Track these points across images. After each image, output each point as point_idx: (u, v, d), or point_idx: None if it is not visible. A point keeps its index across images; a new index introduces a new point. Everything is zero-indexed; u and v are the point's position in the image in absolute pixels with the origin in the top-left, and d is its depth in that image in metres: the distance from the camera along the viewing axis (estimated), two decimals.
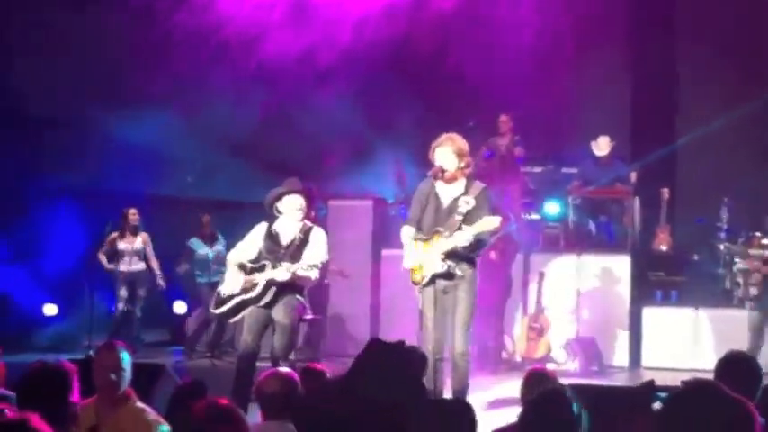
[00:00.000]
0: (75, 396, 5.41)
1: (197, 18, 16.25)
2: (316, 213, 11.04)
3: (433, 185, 9.39)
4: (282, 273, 9.67)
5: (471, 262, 9.25)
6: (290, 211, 9.96)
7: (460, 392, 8.95)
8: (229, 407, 4.32)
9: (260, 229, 10.10)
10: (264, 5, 16.85)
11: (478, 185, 9.34)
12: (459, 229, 9.05)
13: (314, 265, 9.74)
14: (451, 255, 9.08)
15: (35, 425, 4.07)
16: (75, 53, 16.07)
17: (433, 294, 9.15)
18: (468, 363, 9.14)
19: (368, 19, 16.94)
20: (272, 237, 10.00)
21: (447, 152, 9.26)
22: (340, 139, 17.21)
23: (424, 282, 9.18)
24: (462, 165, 9.36)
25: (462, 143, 9.42)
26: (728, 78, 16.81)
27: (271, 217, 10.13)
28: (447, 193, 9.32)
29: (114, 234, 14.99)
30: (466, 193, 9.24)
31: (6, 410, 4.56)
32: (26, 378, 5.37)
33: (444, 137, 9.35)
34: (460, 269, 9.12)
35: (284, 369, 6.36)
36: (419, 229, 9.37)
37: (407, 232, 9.40)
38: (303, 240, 9.91)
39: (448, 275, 9.11)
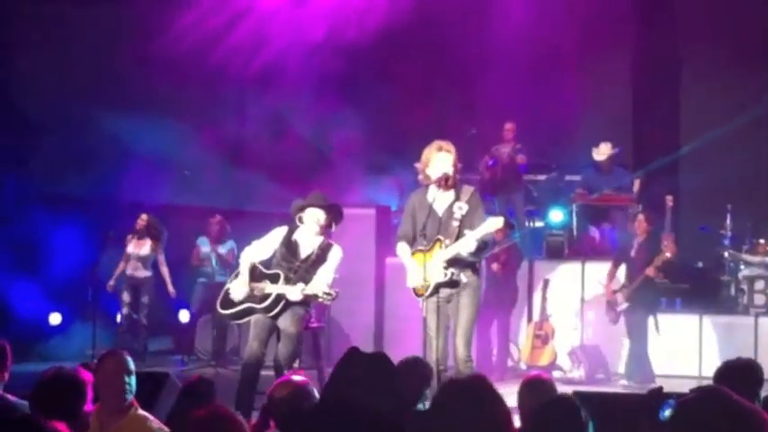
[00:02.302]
0: (88, 405, 5.40)
1: (198, 26, 16.29)
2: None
3: (425, 195, 9.33)
4: (296, 293, 9.64)
5: (474, 269, 9.22)
6: (310, 224, 9.91)
7: None
8: (229, 413, 4.29)
9: (279, 232, 10.05)
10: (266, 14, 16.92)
11: (468, 189, 9.29)
12: (460, 235, 9.00)
13: (330, 295, 9.70)
14: (454, 262, 9.02)
15: None
16: (79, 58, 16.10)
17: (436, 304, 9.09)
18: (471, 369, 9.09)
19: (370, 25, 16.97)
20: (289, 245, 9.95)
21: (449, 159, 9.17)
22: (340, 148, 17.23)
23: (427, 293, 9.10)
24: (456, 172, 9.31)
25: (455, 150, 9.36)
26: (732, 85, 16.81)
27: (292, 223, 10.09)
28: (440, 201, 9.23)
29: (129, 237, 15.01)
30: (458, 198, 9.17)
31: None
32: (42, 385, 5.34)
33: (444, 143, 9.23)
34: (464, 276, 9.08)
35: (298, 377, 6.32)
36: (414, 240, 9.31)
37: (404, 249, 9.34)
38: (320, 257, 9.87)
39: (452, 283, 9.06)
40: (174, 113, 16.18)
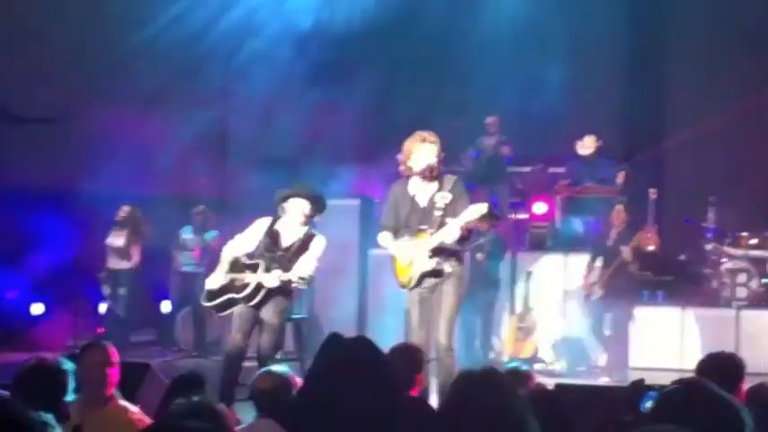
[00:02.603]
0: (69, 396, 5.38)
1: (183, 18, 16.25)
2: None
3: (405, 187, 9.30)
4: (272, 279, 9.67)
5: (459, 258, 9.21)
6: (294, 214, 9.94)
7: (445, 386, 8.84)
8: (210, 404, 4.28)
9: (262, 223, 10.07)
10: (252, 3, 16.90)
11: (450, 178, 9.26)
12: (443, 224, 8.97)
13: (305, 279, 9.73)
14: (439, 251, 9.00)
15: None
16: (59, 51, 16.03)
17: (420, 295, 9.11)
18: (452, 359, 9.06)
19: (356, 17, 16.98)
20: (272, 235, 9.99)
21: (434, 150, 9.13)
22: (326, 138, 17.21)
23: (411, 283, 9.11)
24: (440, 163, 9.28)
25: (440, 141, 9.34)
26: (717, 79, 16.84)
27: (274, 213, 10.11)
28: (423, 191, 9.20)
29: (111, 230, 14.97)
30: (441, 188, 9.13)
31: None
32: (23, 374, 5.32)
33: (428, 134, 9.18)
34: (449, 265, 9.06)
35: (280, 368, 6.32)
36: (396, 231, 9.30)
37: (386, 237, 9.32)
38: (301, 247, 9.90)
39: (436, 273, 9.04)
40: (158, 103, 16.14)
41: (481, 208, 8.94)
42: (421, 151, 9.13)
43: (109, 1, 15.92)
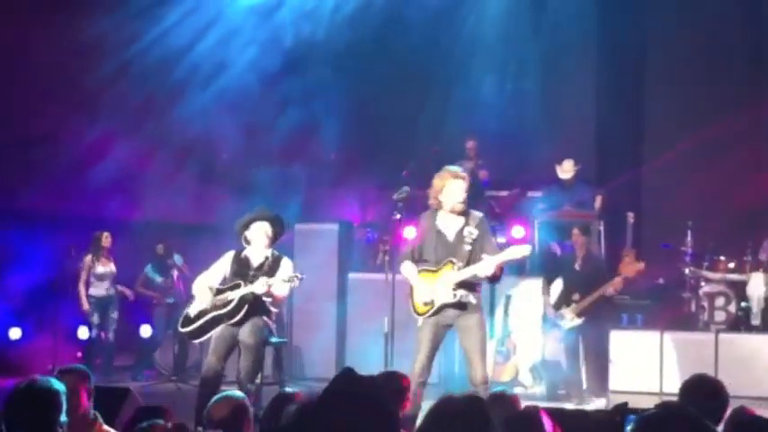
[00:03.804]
0: (63, 417, 5.32)
1: (166, 41, 16.26)
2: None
3: (434, 220, 9.51)
4: (261, 285, 9.79)
5: (478, 291, 9.43)
6: (258, 238, 10.14)
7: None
8: (182, 427, 4.28)
9: (228, 256, 10.33)
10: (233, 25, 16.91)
11: (476, 215, 9.55)
12: (472, 259, 9.25)
13: (289, 279, 9.86)
14: (463, 284, 9.22)
15: None
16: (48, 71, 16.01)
17: (434, 326, 9.30)
18: (487, 391, 9.11)
19: (338, 45, 17.04)
20: (240, 261, 10.21)
21: (463, 186, 9.44)
22: (305, 162, 17.24)
23: (430, 313, 9.30)
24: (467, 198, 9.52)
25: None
26: (695, 102, 16.93)
27: (239, 245, 10.27)
28: (450, 225, 9.45)
29: (88, 258, 14.90)
30: (467, 224, 9.40)
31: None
32: (14, 397, 5.26)
33: (458, 170, 9.59)
34: (473, 298, 9.29)
35: (235, 393, 6.33)
36: (417, 262, 9.49)
37: (408, 267, 9.50)
38: (272, 267, 10.07)
39: (459, 305, 9.24)
40: (137, 127, 16.14)
41: (524, 250, 9.36)
42: (451, 187, 9.41)
43: (90, 22, 15.88)
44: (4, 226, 15.30)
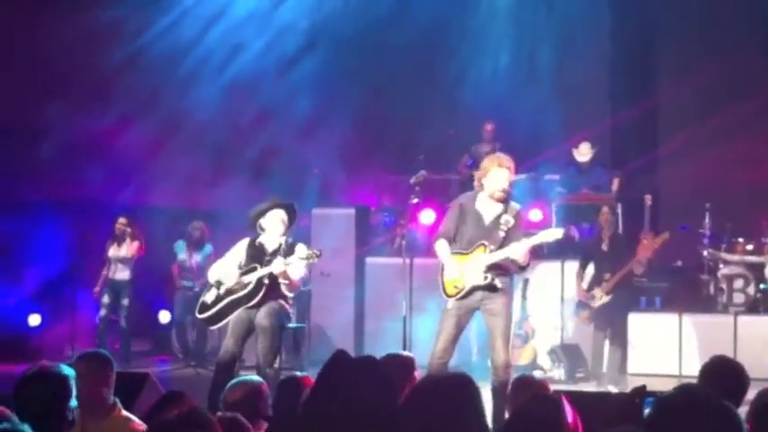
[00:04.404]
0: (73, 401, 5.35)
1: (177, 28, 16.27)
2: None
3: (474, 201, 9.52)
4: (278, 265, 9.84)
5: (509, 276, 9.46)
6: (274, 225, 10.19)
7: (500, 407, 8.78)
8: (201, 412, 4.28)
9: (242, 243, 10.37)
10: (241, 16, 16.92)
11: (514, 206, 9.53)
12: (504, 245, 9.24)
13: (307, 257, 9.95)
14: (494, 267, 9.24)
15: None
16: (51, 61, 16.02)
17: (460, 308, 9.31)
18: (510, 375, 9.07)
19: (351, 28, 17.01)
20: (255, 247, 10.26)
21: (507, 175, 9.41)
22: (322, 147, 17.22)
23: (460, 294, 9.29)
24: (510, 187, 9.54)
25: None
26: (710, 84, 16.83)
27: (253, 233, 10.31)
28: (489, 209, 9.44)
29: (108, 243, 14.93)
30: (505, 211, 9.40)
31: None
32: (25, 382, 5.30)
33: (505, 158, 9.52)
34: (501, 282, 9.28)
35: (252, 377, 6.35)
36: (452, 241, 9.49)
37: (443, 246, 9.48)
38: (288, 250, 10.07)
39: (489, 287, 9.26)
40: (150, 115, 16.14)
41: (557, 232, 9.51)
42: (495, 174, 9.39)
43: (96, 12, 15.89)
44: (22, 214, 15.36)
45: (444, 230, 9.58)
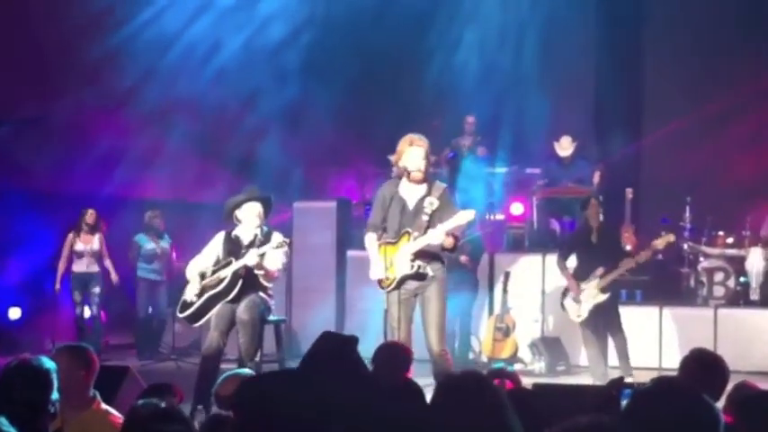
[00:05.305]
0: (54, 394, 5.33)
1: (158, 21, 16.24)
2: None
3: (396, 188, 9.33)
4: (251, 257, 9.79)
5: (441, 262, 9.24)
6: (250, 218, 10.12)
7: None
8: (173, 407, 4.28)
9: (219, 237, 10.29)
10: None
11: (439, 185, 9.31)
12: (428, 228, 9.01)
13: (278, 245, 9.88)
14: (421, 255, 9.05)
15: None
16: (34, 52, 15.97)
17: (399, 296, 9.10)
18: (447, 360, 9.08)
19: (335, 20, 17.00)
20: (231, 240, 10.18)
21: (421, 153, 9.19)
22: (305, 140, 17.23)
23: (392, 285, 9.13)
24: (428, 166, 9.34)
25: (428, 144, 9.39)
26: (693, 78, 16.89)
27: (229, 226, 10.29)
28: (412, 194, 9.24)
29: (70, 235, 14.75)
30: (429, 193, 9.19)
31: None
32: (6, 375, 5.28)
33: (416, 137, 9.23)
34: (431, 269, 9.10)
35: (243, 370, 6.34)
36: (384, 231, 9.33)
37: (371, 239, 9.35)
38: (264, 240, 10.01)
39: (418, 276, 9.09)
40: (131, 106, 16.11)
41: (469, 214, 9.02)
42: (409, 154, 9.19)
43: (85, 3, 15.84)
44: (3, 206, 15.31)
45: (372, 223, 9.45)
